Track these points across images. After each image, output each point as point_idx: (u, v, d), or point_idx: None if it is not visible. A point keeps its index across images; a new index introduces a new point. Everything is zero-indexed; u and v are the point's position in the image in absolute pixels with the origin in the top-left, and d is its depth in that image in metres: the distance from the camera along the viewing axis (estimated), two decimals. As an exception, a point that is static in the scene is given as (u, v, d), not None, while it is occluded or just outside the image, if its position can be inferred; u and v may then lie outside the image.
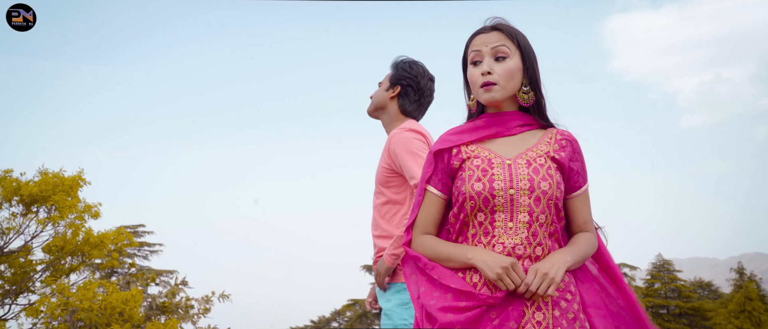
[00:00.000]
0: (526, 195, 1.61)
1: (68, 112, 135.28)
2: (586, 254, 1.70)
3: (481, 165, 1.65)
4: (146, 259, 28.19)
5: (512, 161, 1.66)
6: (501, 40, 1.67)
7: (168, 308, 6.06)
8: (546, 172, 1.64)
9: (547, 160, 1.67)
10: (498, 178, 1.62)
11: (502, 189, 1.61)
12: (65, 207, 5.85)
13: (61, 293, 5.50)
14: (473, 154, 1.69)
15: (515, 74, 1.67)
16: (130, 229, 28.23)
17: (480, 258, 1.57)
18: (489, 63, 1.66)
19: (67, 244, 5.91)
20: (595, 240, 1.76)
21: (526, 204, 1.60)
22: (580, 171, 1.73)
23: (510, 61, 1.66)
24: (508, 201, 1.60)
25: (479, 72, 1.67)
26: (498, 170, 1.64)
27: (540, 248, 1.61)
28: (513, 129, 1.72)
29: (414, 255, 1.68)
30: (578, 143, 1.76)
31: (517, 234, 1.60)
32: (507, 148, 1.70)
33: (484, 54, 1.67)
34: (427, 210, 1.72)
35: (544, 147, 1.70)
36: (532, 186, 1.61)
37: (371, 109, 2.69)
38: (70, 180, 5.98)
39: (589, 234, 1.75)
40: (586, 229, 1.75)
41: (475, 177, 1.63)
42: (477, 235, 1.63)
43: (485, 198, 1.61)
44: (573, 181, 1.72)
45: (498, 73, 1.65)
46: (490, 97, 1.67)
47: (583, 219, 1.75)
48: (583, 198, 1.75)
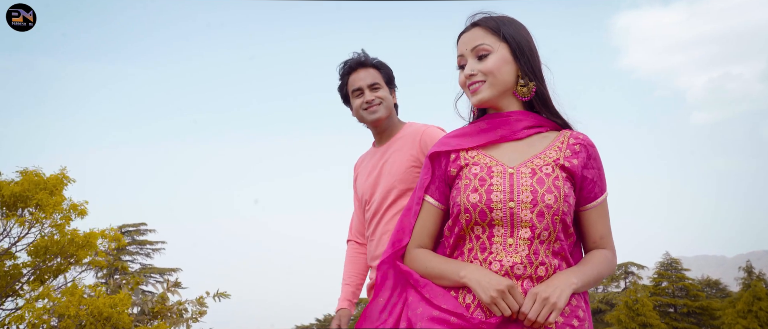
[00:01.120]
0: (527, 209, 1.42)
1: (69, 110, 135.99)
2: (599, 274, 1.48)
3: (480, 174, 1.49)
4: (149, 257, 28.27)
5: (515, 170, 1.47)
6: (480, 37, 1.54)
7: (159, 312, 5.82)
8: (552, 183, 1.44)
9: (554, 169, 1.47)
10: (497, 189, 1.45)
11: (501, 201, 1.44)
12: (49, 206, 5.63)
13: (46, 297, 5.29)
14: (472, 161, 1.52)
15: (502, 68, 1.52)
16: (132, 228, 28.39)
17: (474, 278, 1.41)
18: (472, 65, 1.54)
19: (52, 245, 5.69)
20: (613, 259, 1.55)
21: (528, 219, 1.43)
22: (597, 180, 1.53)
23: (493, 57, 1.53)
24: (507, 215, 1.44)
25: (463, 75, 1.56)
26: (498, 180, 1.46)
27: (543, 268, 1.43)
28: (519, 132, 1.53)
29: (405, 271, 1.53)
30: (595, 148, 1.54)
31: (517, 252, 1.43)
32: (511, 155, 1.51)
33: (466, 56, 1.56)
34: (424, 221, 1.58)
35: (554, 153, 1.50)
36: (534, 200, 1.42)
37: (385, 114, 2.38)
38: (53, 179, 5.76)
39: (606, 251, 1.54)
40: (603, 246, 1.55)
41: (471, 188, 1.48)
42: (473, 251, 1.48)
43: (482, 211, 1.45)
44: (587, 191, 1.52)
45: (481, 72, 1.53)
46: (478, 98, 1.54)
47: (600, 234, 1.54)
48: (600, 210, 1.54)
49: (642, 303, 25.82)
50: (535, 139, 1.55)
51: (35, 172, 5.81)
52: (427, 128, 2.28)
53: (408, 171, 2.24)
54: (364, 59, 2.39)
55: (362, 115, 2.36)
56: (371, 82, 2.36)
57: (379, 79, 2.37)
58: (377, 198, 2.31)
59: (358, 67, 2.39)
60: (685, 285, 28.85)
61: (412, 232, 1.58)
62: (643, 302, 25.92)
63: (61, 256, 5.84)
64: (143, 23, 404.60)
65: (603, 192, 1.55)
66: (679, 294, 28.93)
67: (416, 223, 1.58)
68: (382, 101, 2.35)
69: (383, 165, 2.32)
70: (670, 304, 28.72)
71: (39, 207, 5.67)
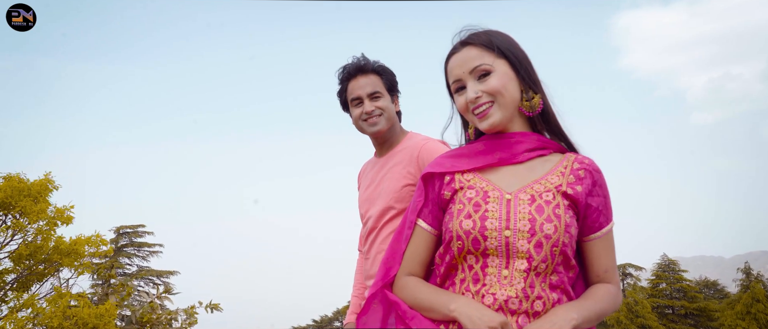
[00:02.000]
0: (524, 239, 1.31)
1: (69, 110, 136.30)
2: (602, 311, 1.36)
3: (475, 199, 1.39)
4: (146, 260, 28.05)
5: (513, 196, 1.36)
6: (477, 56, 1.42)
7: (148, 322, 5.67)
8: (552, 212, 1.33)
9: (556, 196, 1.36)
10: (492, 216, 1.35)
11: (497, 229, 1.34)
12: (33, 213, 5.47)
13: (30, 307, 5.14)
14: (468, 185, 1.41)
15: (507, 85, 1.41)
16: (130, 229, 28.20)
17: (465, 312, 1.30)
18: (474, 87, 1.42)
19: (36, 252, 5.52)
20: (618, 296, 1.43)
21: (525, 250, 1.32)
22: (602, 208, 1.40)
23: (495, 74, 1.41)
24: (503, 244, 1.33)
25: (465, 100, 1.43)
26: (493, 206, 1.35)
27: (540, 303, 1.32)
28: (519, 155, 1.42)
29: (393, 301, 1.43)
30: (601, 174, 1.42)
31: (512, 285, 1.32)
32: (510, 180, 1.40)
33: (465, 79, 1.43)
34: (415, 247, 1.48)
35: (556, 179, 1.39)
36: (532, 229, 1.31)
37: (387, 126, 2.22)
38: (37, 185, 5.60)
39: (611, 287, 1.42)
40: (607, 280, 1.42)
41: (465, 213, 1.38)
42: (466, 282, 1.38)
43: (475, 238, 1.35)
44: (591, 221, 1.40)
45: (487, 93, 1.40)
46: (490, 123, 1.42)
47: (604, 268, 1.42)
48: (605, 241, 1.41)
49: (641, 305, 25.77)
50: (537, 162, 1.44)
51: (18, 178, 5.65)
52: (426, 142, 2.14)
53: (404, 189, 2.11)
54: (364, 64, 2.24)
55: (362, 126, 2.24)
56: (371, 90, 2.20)
57: (380, 86, 2.22)
58: (373, 214, 2.20)
59: (357, 73, 2.24)
60: (683, 286, 28.81)
61: (403, 259, 1.48)
62: (641, 303, 25.87)
63: (45, 264, 5.67)
64: (143, 23, 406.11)
65: (609, 222, 1.43)
66: (677, 296, 28.88)
67: (407, 249, 1.48)
68: (382, 112, 2.21)
69: (381, 180, 2.21)
70: (668, 306, 28.67)
71: (23, 214, 5.50)
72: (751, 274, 26.18)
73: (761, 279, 26.03)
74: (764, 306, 24.47)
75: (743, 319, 24.49)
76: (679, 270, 29.87)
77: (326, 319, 34.60)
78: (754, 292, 24.75)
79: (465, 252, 1.37)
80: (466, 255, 1.37)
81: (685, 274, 30.00)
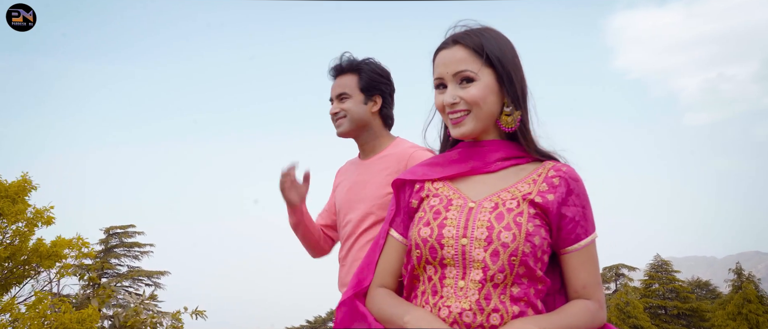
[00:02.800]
0: (481, 248, 1.25)
1: (69, 110, 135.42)
2: (571, 327, 1.24)
3: (436, 207, 1.34)
4: (137, 260, 27.81)
5: (476, 204, 1.29)
6: (463, 59, 1.34)
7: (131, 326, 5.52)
8: (513, 220, 1.25)
9: (520, 204, 1.28)
10: (450, 224, 1.29)
11: (454, 237, 1.28)
12: (11, 214, 5.32)
13: (9, 312, 4.99)
14: (433, 193, 1.38)
15: (487, 98, 1.34)
16: (120, 230, 27.94)
17: (416, 326, 1.23)
18: (453, 91, 1.35)
19: (16, 254, 5.37)
20: (598, 312, 1.31)
21: (481, 259, 1.25)
22: (580, 219, 1.31)
23: (478, 84, 1.34)
24: (459, 253, 1.27)
25: (441, 101, 1.37)
26: (454, 214, 1.31)
27: (497, 316, 1.23)
28: (492, 164, 1.37)
29: (361, 313, 1.38)
30: (579, 183, 1.33)
31: (466, 296, 1.24)
32: (480, 188, 1.35)
33: (446, 79, 1.36)
34: (388, 257, 1.42)
35: (526, 187, 1.31)
36: (489, 237, 1.25)
37: (350, 128, 2.14)
38: (15, 186, 5.45)
39: (589, 303, 1.31)
40: (586, 296, 1.31)
41: (424, 221, 1.33)
42: (426, 294, 1.31)
43: (432, 247, 1.29)
44: (567, 232, 1.30)
45: (464, 101, 1.34)
46: (461, 132, 1.36)
47: (582, 283, 1.32)
48: (583, 255, 1.32)
49: (633, 306, 25.79)
50: (511, 171, 1.37)
51: (-6, 179, 5.49)
52: (414, 151, 2.04)
53: (388, 196, 2.02)
54: (338, 64, 2.17)
55: None
56: (339, 91, 2.14)
57: (351, 87, 2.13)
58: (353, 219, 2.10)
59: (336, 74, 2.19)
60: (676, 287, 28.89)
61: (376, 270, 1.42)
62: (634, 304, 25.90)
63: (24, 266, 5.52)
64: (143, 23, 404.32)
65: (588, 234, 1.32)
66: (669, 296, 28.95)
67: (380, 260, 1.43)
68: (346, 114, 2.12)
69: (365, 185, 2.12)
70: (661, 306, 28.73)
71: (0, 215, 5.35)
72: (743, 275, 26.27)
73: (752, 280, 26.12)
74: (755, 306, 24.56)
75: (734, 319, 24.57)
76: (671, 270, 29.96)
77: (320, 320, 34.52)
78: (745, 293, 24.83)
79: (424, 262, 1.30)
80: (425, 265, 1.31)
81: (677, 275, 30.09)
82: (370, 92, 2.14)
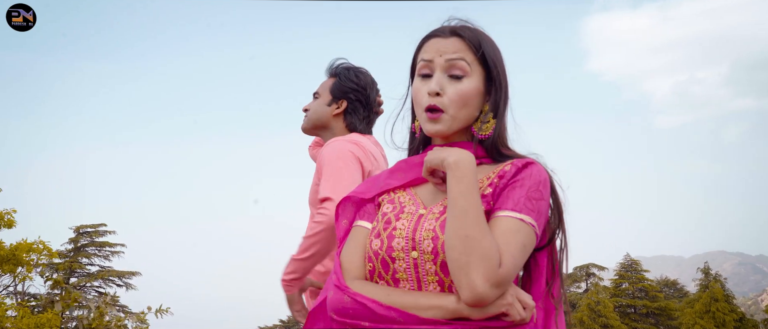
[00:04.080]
0: (430, 261, 1.15)
1: (69, 110, 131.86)
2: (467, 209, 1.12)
3: (388, 215, 1.25)
4: (107, 260, 27.23)
5: (427, 210, 1.20)
6: (459, 51, 1.26)
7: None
8: None
9: None
10: (399, 235, 1.20)
11: (404, 249, 1.18)
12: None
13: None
14: (388, 199, 1.29)
15: (471, 100, 1.26)
16: (90, 228, 27.32)
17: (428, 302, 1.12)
18: (440, 80, 1.25)
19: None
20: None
21: (433, 272, 1.15)
22: (510, 194, 1.17)
23: (467, 82, 1.25)
24: (411, 267, 1.17)
25: (426, 89, 1.26)
26: (403, 223, 1.21)
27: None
28: None
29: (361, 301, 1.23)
30: (531, 170, 1.20)
31: None
32: (437, 192, 1.24)
33: (435, 66, 1.26)
34: (356, 248, 1.28)
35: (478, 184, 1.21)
36: (434, 249, 1.14)
37: (308, 126, 2.27)
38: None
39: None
40: None
41: (375, 232, 1.23)
42: None
43: (383, 260, 1.20)
44: (499, 203, 1.17)
45: (449, 97, 1.24)
46: (436, 129, 1.25)
47: None
48: (503, 224, 1.14)
49: (603, 305, 26.14)
50: None
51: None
52: (325, 146, 2.12)
53: (313, 191, 2.14)
54: (328, 68, 2.32)
55: None
56: (316, 91, 2.30)
57: (325, 88, 2.26)
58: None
59: (326, 76, 2.35)
60: (645, 286, 29.35)
61: (343, 265, 1.27)
62: (604, 303, 26.24)
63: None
64: (143, 23, 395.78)
65: (510, 210, 1.15)
66: (638, 295, 29.41)
67: (348, 253, 1.27)
68: (306, 111, 2.28)
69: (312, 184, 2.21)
70: (630, 305, 29.17)
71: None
72: (710, 274, 26.82)
73: (719, 279, 26.69)
74: (722, 305, 25.09)
75: (702, 318, 25.05)
76: (641, 269, 30.43)
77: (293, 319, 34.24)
78: (712, 292, 25.34)
79: (376, 277, 1.20)
80: (377, 280, 1.20)
81: (646, 274, 30.59)
82: (338, 97, 2.23)
